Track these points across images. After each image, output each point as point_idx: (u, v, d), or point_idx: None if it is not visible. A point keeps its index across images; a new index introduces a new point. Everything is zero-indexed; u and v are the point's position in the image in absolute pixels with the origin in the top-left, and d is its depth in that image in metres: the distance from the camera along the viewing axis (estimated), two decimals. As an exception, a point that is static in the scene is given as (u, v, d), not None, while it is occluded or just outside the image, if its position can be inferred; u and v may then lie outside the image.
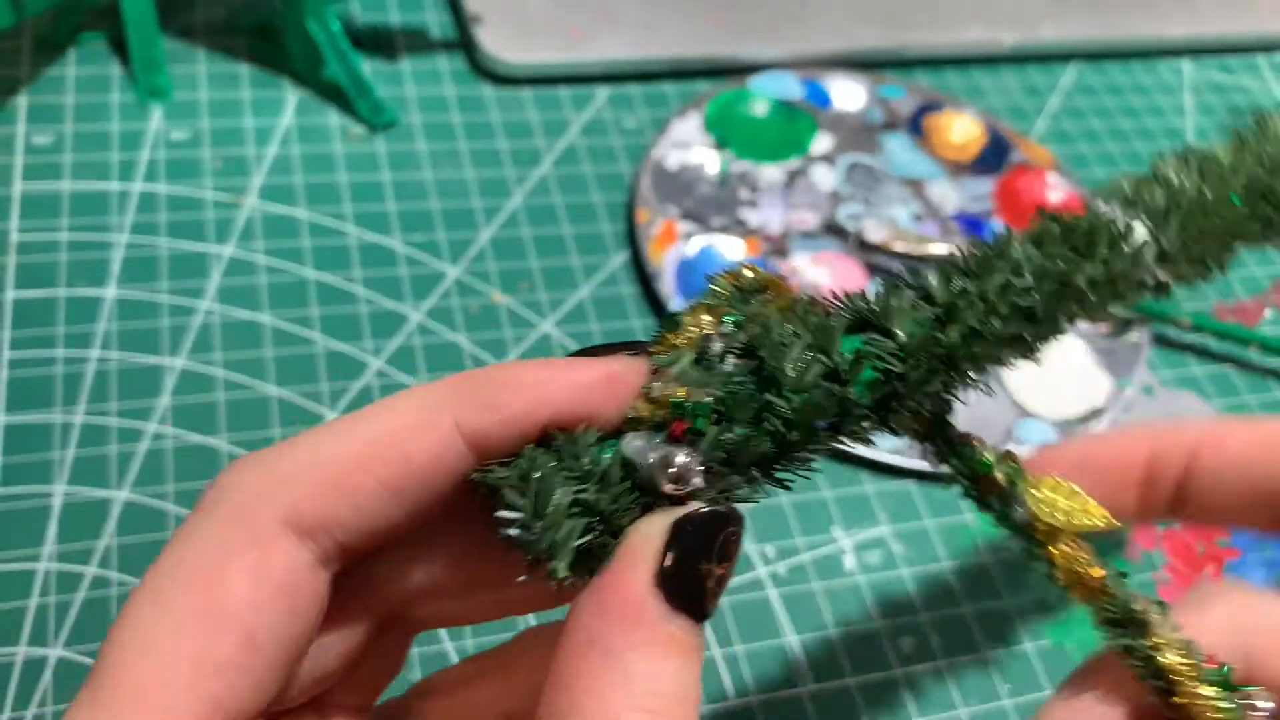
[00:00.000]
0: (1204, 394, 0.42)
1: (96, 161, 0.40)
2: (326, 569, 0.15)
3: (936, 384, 0.17)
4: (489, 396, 0.15)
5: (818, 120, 0.48)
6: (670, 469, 0.15)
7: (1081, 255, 0.18)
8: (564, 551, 0.15)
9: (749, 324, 0.17)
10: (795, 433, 0.16)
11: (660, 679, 0.14)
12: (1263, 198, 0.19)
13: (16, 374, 0.34)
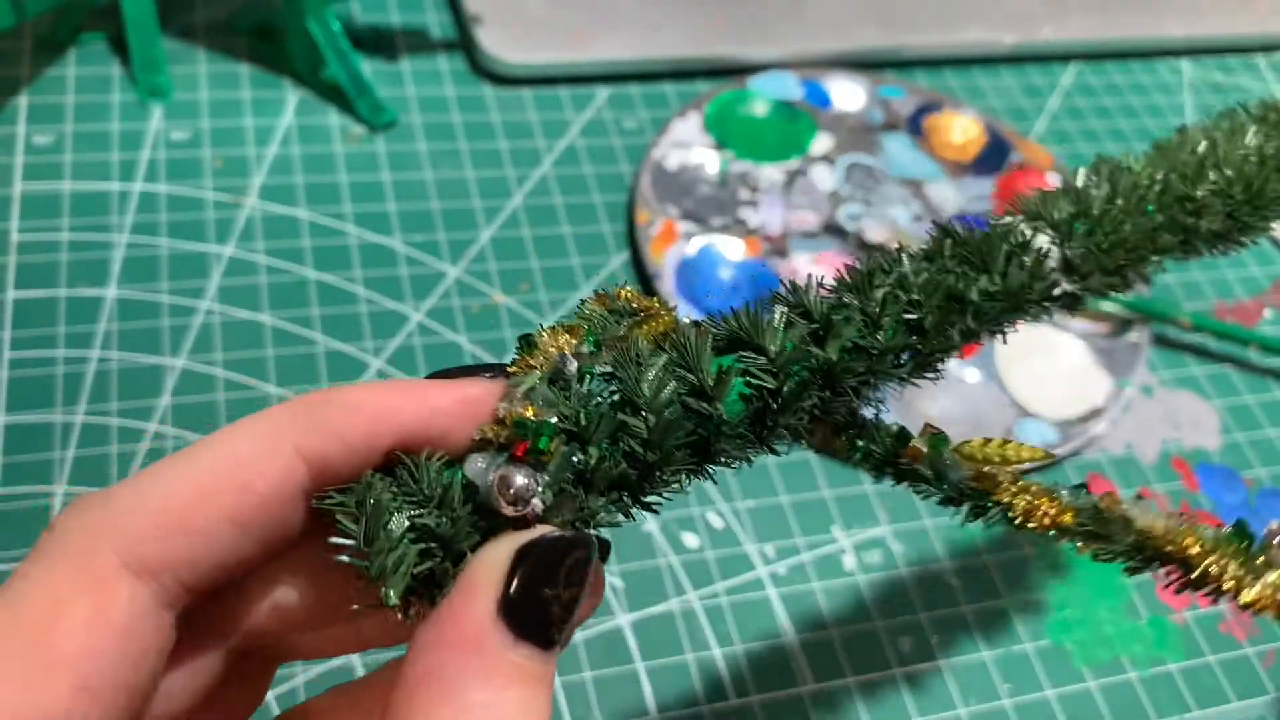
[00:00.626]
0: (1203, 394, 0.43)
1: (97, 161, 0.40)
2: (171, 608, 0.15)
3: (813, 399, 0.17)
4: (330, 421, 0.15)
5: (818, 120, 0.48)
6: (509, 490, 0.14)
7: (976, 268, 0.18)
8: (394, 578, 0.14)
9: (610, 345, 0.16)
10: (652, 454, 0.15)
11: (503, 709, 0.13)
12: (1180, 206, 0.19)
13: (17, 374, 0.34)
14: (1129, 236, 0.18)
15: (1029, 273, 0.18)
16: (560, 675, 0.31)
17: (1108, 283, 0.19)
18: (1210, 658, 0.35)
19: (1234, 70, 0.58)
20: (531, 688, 0.14)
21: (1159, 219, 0.19)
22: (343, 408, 0.15)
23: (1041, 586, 0.36)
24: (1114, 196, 0.19)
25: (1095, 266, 0.18)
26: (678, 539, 0.34)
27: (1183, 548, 0.17)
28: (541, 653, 0.14)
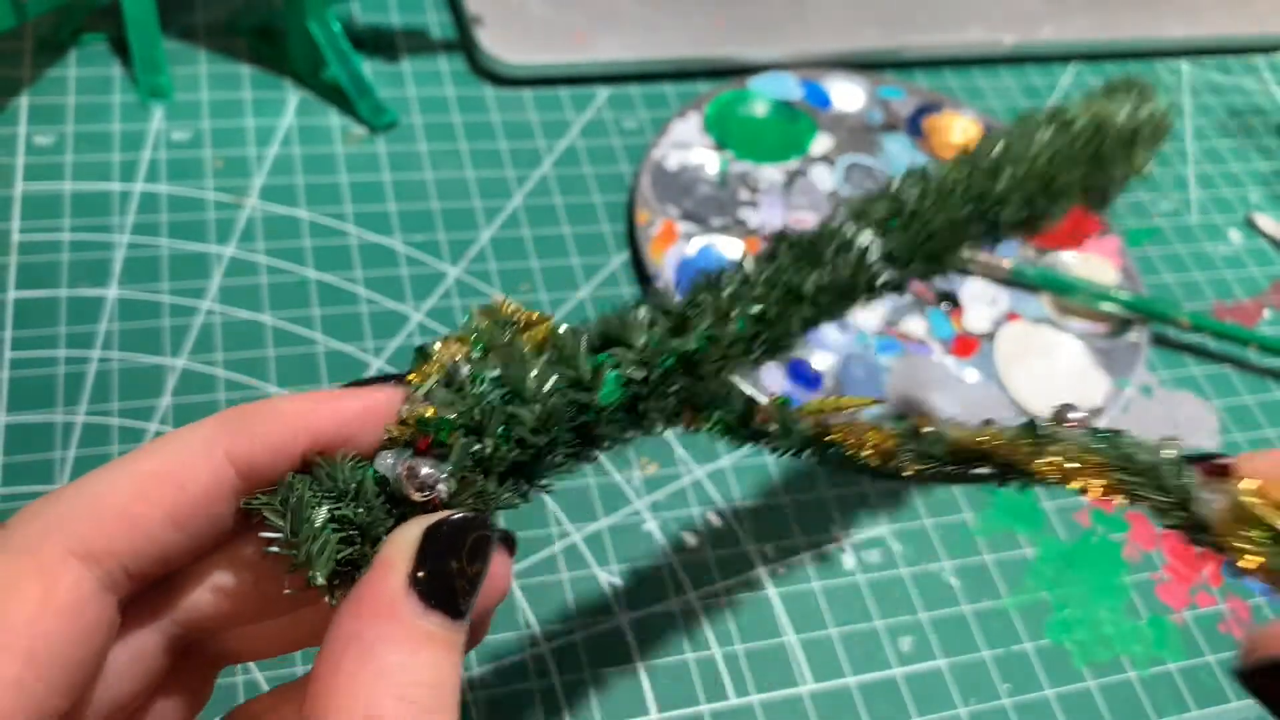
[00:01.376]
0: (1203, 394, 0.43)
1: (98, 162, 0.40)
2: (114, 593, 0.16)
3: (678, 384, 0.19)
4: (256, 428, 0.17)
5: (817, 121, 0.48)
6: (416, 478, 0.16)
7: (809, 265, 0.21)
8: (319, 561, 0.16)
9: (497, 351, 0.18)
10: (541, 438, 0.17)
11: (417, 670, 0.15)
12: (983, 199, 0.22)
13: (18, 374, 0.34)
14: (940, 228, 0.22)
15: (854, 266, 0.21)
16: (560, 674, 0.31)
17: (927, 268, 0.22)
18: (1210, 657, 0.35)
19: (1233, 71, 0.58)
20: (441, 652, 0.15)
21: (966, 212, 0.22)
22: (266, 416, 0.17)
23: (1041, 586, 0.36)
24: (924, 196, 0.22)
25: (912, 255, 0.22)
26: (678, 538, 0.35)
27: (986, 443, 0.19)
28: (450, 621, 0.15)
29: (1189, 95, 0.56)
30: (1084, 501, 0.38)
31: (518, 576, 0.33)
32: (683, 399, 0.20)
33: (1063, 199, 0.24)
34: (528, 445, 0.18)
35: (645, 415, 0.19)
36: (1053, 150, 0.23)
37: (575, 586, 0.33)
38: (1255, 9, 0.60)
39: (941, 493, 0.37)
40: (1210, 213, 0.50)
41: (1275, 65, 0.59)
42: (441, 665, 0.15)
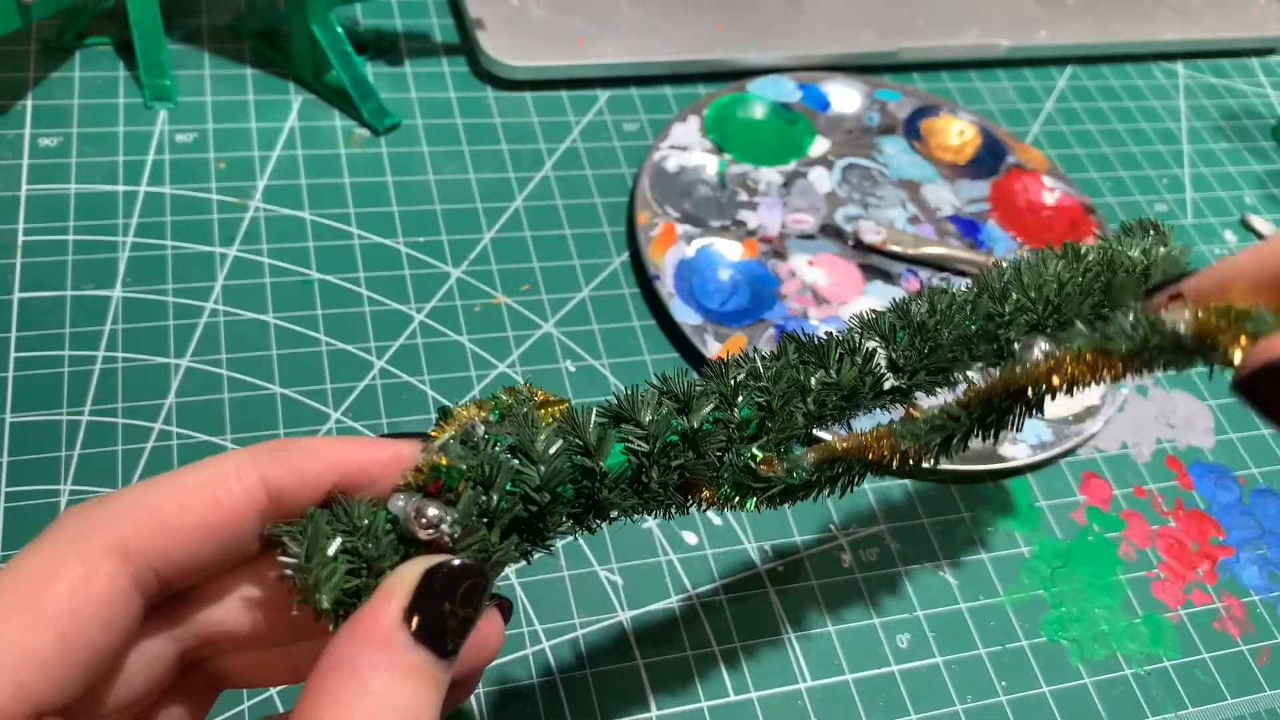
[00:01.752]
0: (1199, 394, 0.43)
1: (102, 164, 0.41)
2: (143, 594, 0.17)
3: (680, 460, 0.20)
4: (289, 459, 0.18)
5: (815, 123, 0.48)
6: (423, 517, 0.17)
7: (815, 364, 0.22)
8: (326, 587, 0.17)
9: (512, 419, 0.20)
10: (544, 495, 0.19)
11: (399, 697, 0.16)
12: (990, 320, 0.24)
13: (23, 374, 0.34)
14: (945, 343, 0.23)
15: (859, 369, 0.23)
16: (561, 671, 0.31)
17: (931, 380, 0.23)
18: (1205, 655, 0.35)
19: (1228, 74, 0.58)
20: (424, 686, 0.16)
21: (973, 329, 0.24)
22: (302, 451, 0.18)
23: (1037, 584, 0.36)
24: (933, 311, 0.24)
25: (916, 365, 0.23)
26: (678, 537, 0.35)
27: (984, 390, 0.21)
28: (436, 659, 0.16)
29: (1184, 98, 0.56)
30: (1080, 500, 0.39)
31: (519, 574, 0.33)
32: (687, 478, 0.21)
33: (1070, 327, 0.24)
34: (531, 502, 0.19)
35: (648, 487, 0.20)
36: (1062, 279, 0.25)
37: (576, 584, 0.33)
38: (1249, 12, 0.60)
39: (939, 491, 0.38)
40: (1205, 214, 0.51)
41: (1269, 68, 0.60)
42: (421, 699, 0.16)
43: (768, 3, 0.52)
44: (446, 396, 0.37)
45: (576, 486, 0.20)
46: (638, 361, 0.39)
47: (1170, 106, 0.55)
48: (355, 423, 0.35)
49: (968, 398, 0.21)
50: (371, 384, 0.36)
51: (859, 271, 0.43)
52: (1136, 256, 0.26)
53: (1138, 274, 0.26)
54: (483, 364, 0.38)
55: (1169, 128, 0.54)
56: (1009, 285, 0.24)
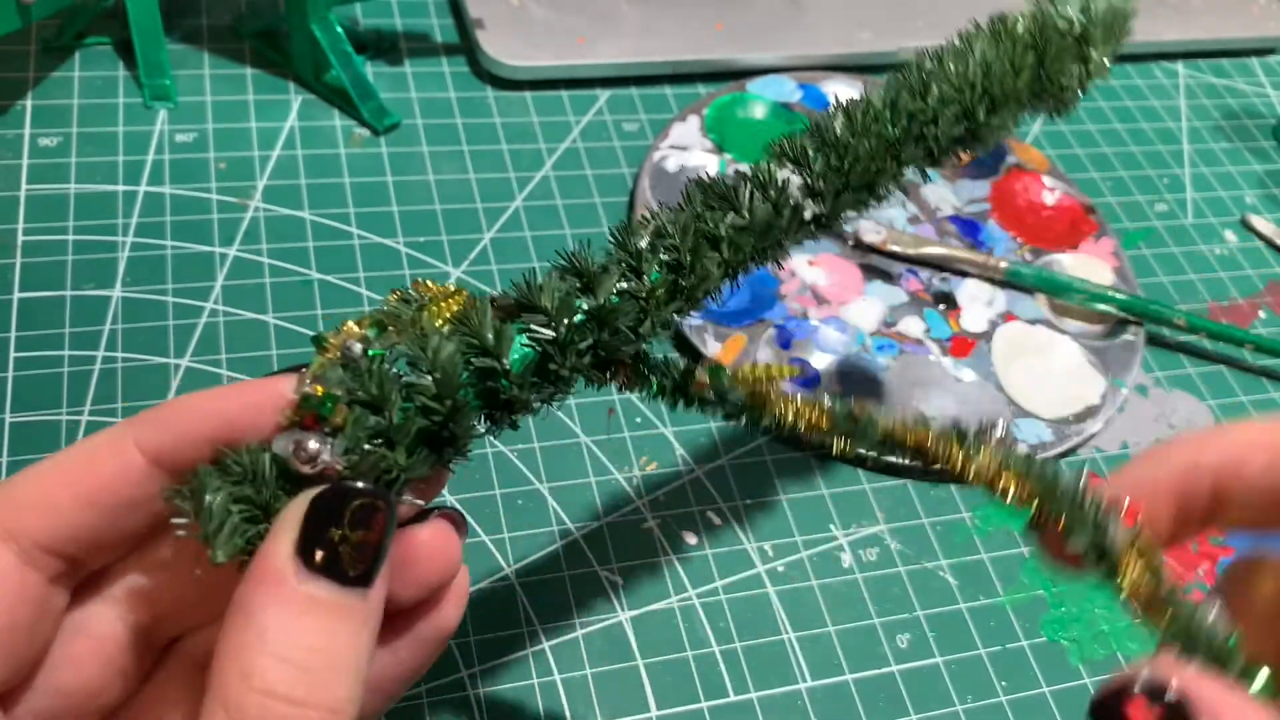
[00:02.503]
0: (1198, 394, 0.43)
1: (102, 164, 0.41)
2: (42, 572, 0.17)
3: (589, 340, 0.19)
4: (163, 418, 0.18)
5: (816, 123, 0.48)
6: (302, 452, 0.17)
7: (725, 208, 0.21)
8: (217, 540, 0.16)
9: (399, 330, 0.19)
10: (443, 405, 0.18)
11: (300, 634, 0.15)
12: (914, 118, 0.22)
13: (23, 374, 0.34)
14: (866, 154, 0.21)
15: (773, 203, 0.21)
16: (560, 671, 0.31)
17: (858, 198, 0.22)
18: (1204, 654, 0.35)
19: (1228, 73, 0.58)
20: (330, 618, 0.16)
21: (896, 133, 0.22)
22: (174, 407, 0.18)
23: (1037, 584, 0.36)
24: (850, 124, 0.22)
25: (841, 186, 0.21)
26: (677, 537, 0.35)
27: (917, 438, 0.20)
28: (341, 588, 0.16)
29: (1184, 98, 0.56)
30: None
31: (519, 574, 0.33)
32: (603, 356, 0.20)
33: (1005, 108, 0.23)
34: (433, 413, 0.18)
35: (559, 376, 0.19)
36: (988, 60, 0.23)
37: (575, 584, 0.33)
38: (1250, 12, 0.60)
39: (939, 491, 0.38)
40: (1205, 214, 0.51)
41: (1270, 68, 0.60)
42: (331, 631, 0.16)
43: (768, 3, 0.52)
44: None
45: (480, 388, 0.18)
46: (638, 361, 0.39)
47: (1170, 106, 0.55)
48: (355, 423, 0.35)
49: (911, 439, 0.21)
50: (371, 384, 0.36)
51: (859, 271, 0.43)
52: (1074, 15, 0.24)
53: (1075, 37, 0.24)
54: (483, 364, 0.38)
55: (1169, 127, 0.54)
56: (929, 77, 0.23)
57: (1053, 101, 0.24)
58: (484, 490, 0.35)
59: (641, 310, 0.20)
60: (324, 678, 0.15)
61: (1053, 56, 0.24)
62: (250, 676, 0.15)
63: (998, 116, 0.23)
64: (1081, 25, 0.24)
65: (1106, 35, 0.25)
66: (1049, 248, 0.46)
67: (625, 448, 0.37)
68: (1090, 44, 0.24)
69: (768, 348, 0.40)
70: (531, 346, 0.19)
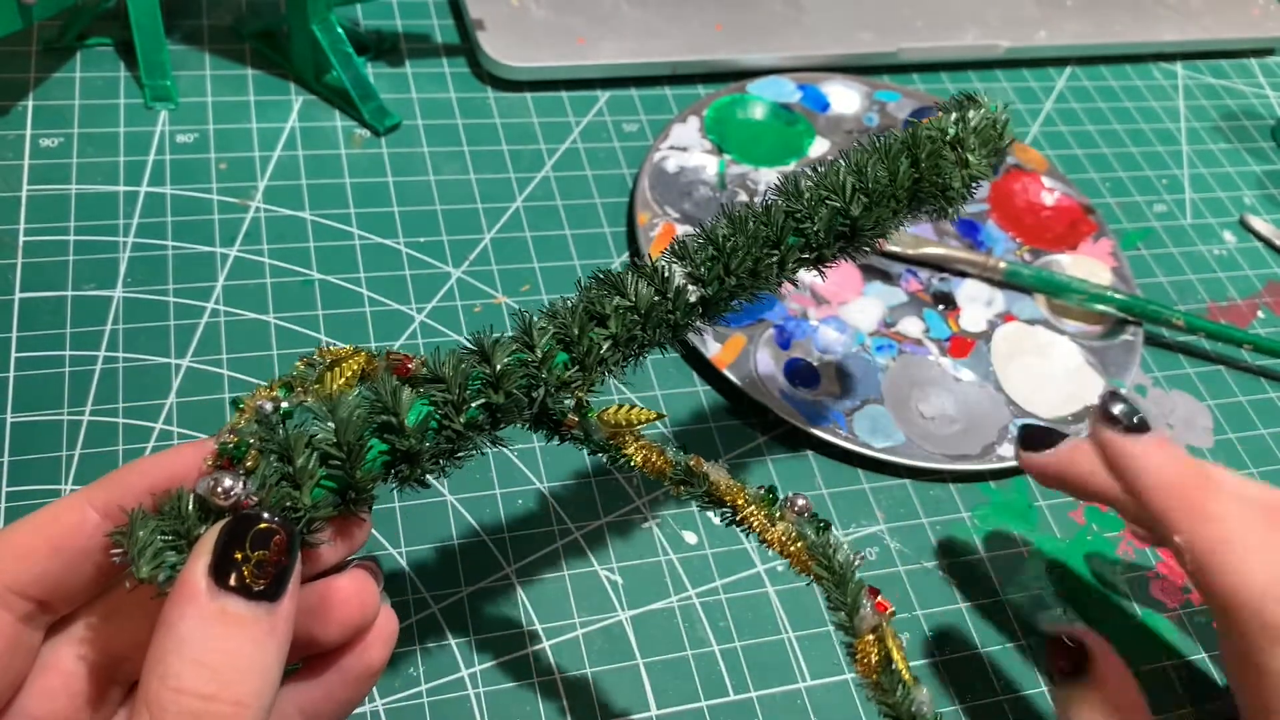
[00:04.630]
0: (1197, 394, 0.43)
1: (103, 164, 0.41)
2: (12, 613, 0.20)
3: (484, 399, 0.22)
4: (116, 479, 0.21)
5: (815, 124, 0.48)
6: (217, 487, 0.19)
7: (613, 292, 0.24)
8: (140, 560, 0.19)
9: (303, 390, 0.22)
10: (341, 450, 0.20)
11: (211, 641, 0.18)
12: (790, 218, 0.25)
13: (24, 374, 0.34)
14: (742, 245, 0.24)
15: (656, 288, 0.24)
16: (561, 671, 0.31)
17: (739, 283, 0.25)
18: (1204, 654, 0.35)
19: (1227, 74, 0.59)
20: (239, 629, 0.18)
21: (770, 231, 0.25)
22: (120, 471, 0.21)
23: (1036, 583, 0.36)
24: (732, 225, 0.25)
25: (718, 273, 0.24)
26: (677, 536, 0.35)
27: (733, 496, 0.23)
28: (249, 602, 0.18)
29: (1183, 98, 0.56)
30: (1079, 501, 0.39)
31: (520, 573, 0.33)
32: (497, 416, 0.22)
33: (883, 205, 0.26)
34: (332, 459, 0.20)
35: (456, 432, 0.21)
36: (860, 163, 0.26)
37: (576, 583, 0.33)
38: (1248, 12, 0.60)
39: (939, 491, 0.38)
40: (1204, 214, 0.51)
41: (1269, 68, 0.60)
42: (239, 638, 0.18)
43: (767, 3, 0.53)
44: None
45: (382, 441, 0.21)
46: (638, 361, 0.39)
47: (1169, 107, 0.55)
48: (356, 423, 0.35)
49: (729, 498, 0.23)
50: (372, 384, 0.37)
51: (858, 272, 0.43)
52: (949, 128, 0.27)
53: (948, 140, 0.27)
54: (483, 364, 0.38)
55: (1168, 128, 0.54)
56: (801, 180, 0.26)
57: (938, 200, 0.27)
58: (484, 490, 0.35)
59: (531, 376, 0.22)
60: (232, 677, 0.18)
61: (926, 157, 0.26)
62: (167, 678, 0.17)
63: (874, 213, 0.26)
64: (955, 131, 0.27)
65: (983, 140, 0.27)
66: (1048, 248, 0.46)
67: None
68: (965, 149, 0.27)
69: (767, 348, 0.40)
70: (429, 405, 0.21)
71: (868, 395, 0.39)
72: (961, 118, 0.27)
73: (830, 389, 0.39)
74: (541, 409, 0.23)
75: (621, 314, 0.23)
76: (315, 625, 0.21)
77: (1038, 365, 0.42)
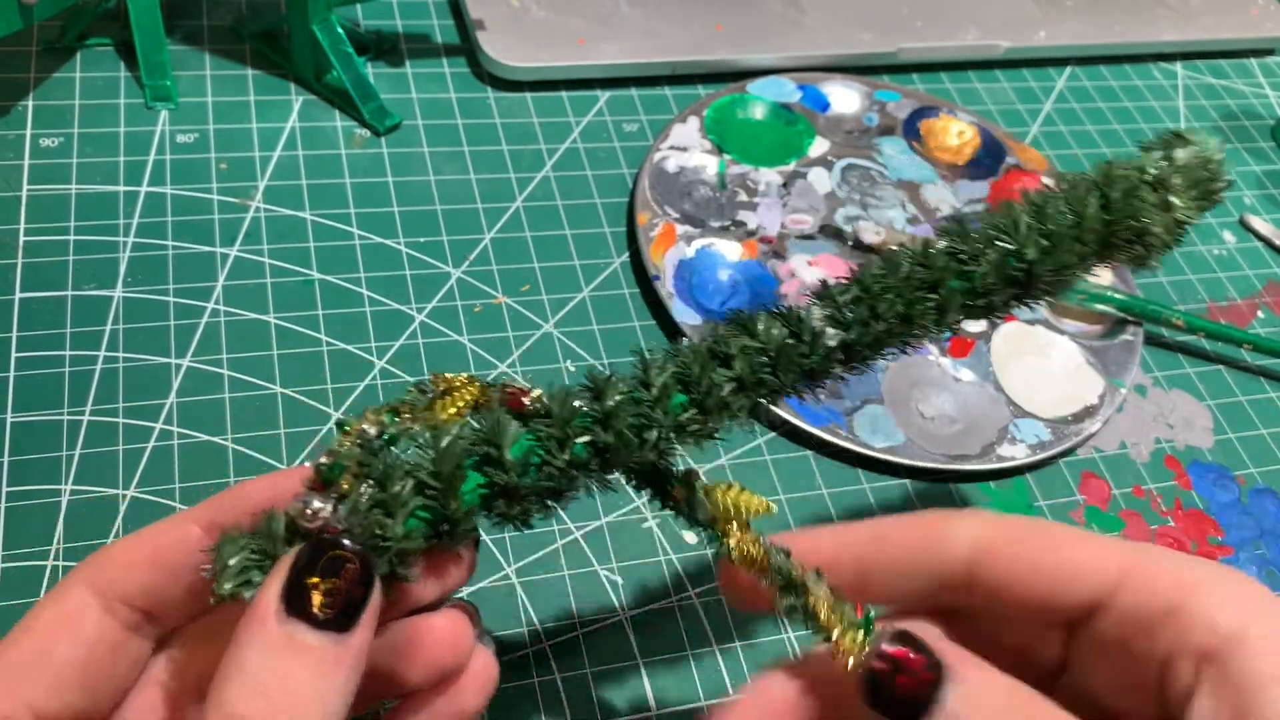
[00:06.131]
0: (1197, 394, 0.43)
1: (103, 164, 0.41)
2: (119, 620, 0.20)
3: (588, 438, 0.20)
4: (223, 501, 0.21)
5: (815, 124, 0.48)
6: (306, 508, 0.19)
7: (745, 332, 0.22)
8: (224, 576, 0.19)
9: (410, 417, 0.21)
10: (439, 482, 0.20)
11: (274, 670, 0.17)
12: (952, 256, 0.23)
13: (24, 374, 0.35)
14: (893, 286, 0.22)
15: (790, 329, 0.22)
16: (560, 670, 0.31)
17: (888, 328, 0.22)
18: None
19: (1226, 74, 0.59)
20: (304, 658, 0.17)
21: (926, 274, 0.22)
22: (224, 493, 0.22)
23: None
24: (885, 266, 0.22)
25: (863, 315, 0.22)
26: (678, 537, 0.35)
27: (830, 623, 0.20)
28: (313, 630, 0.17)
29: (1183, 98, 0.56)
30: (1080, 500, 0.39)
31: (520, 573, 0.33)
32: (606, 456, 0.21)
33: (1064, 248, 0.22)
34: (429, 489, 0.19)
35: (558, 469, 0.20)
36: (1038, 200, 0.23)
37: (576, 583, 0.33)
38: (1248, 13, 0.60)
39: (939, 491, 0.38)
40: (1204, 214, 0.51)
41: (1268, 68, 0.60)
42: (302, 670, 0.17)
43: (767, 3, 0.53)
44: (447, 396, 0.37)
45: (482, 474, 0.20)
46: (638, 361, 0.39)
47: (1169, 107, 0.55)
48: (356, 422, 0.35)
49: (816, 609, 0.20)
50: (372, 384, 0.37)
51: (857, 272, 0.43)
52: (1150, 167, 0.23)
53: (1148, 180, 0.23)
54: (483, 364, 0.38)
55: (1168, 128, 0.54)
56: (967, 221, 0.23)
57: (1134, 246, 0.23)
58: (484, 490, 0.35)
59: (644, 416, 0.21)
60: (291, 710, 0.17)
61: (1121, 197, 0.22)
62: (224, 704, 0.17)
63: (1055, 257, 0.22)
64: (1158, 170, 0.23)
65: (1191, 180, 0.23)
66: (1048, 248, 0.46)
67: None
68: (1169, 190, 0.23)
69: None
70: (533, 442, 0.20)
71: (868, 395, 0.39)
72: (1167, 155, 0.23)
73: (830, 389, 0.39)
74: (653, 462, 0.21)
75: (749, 354, 0.21)
76: (402, 664, 0.21)
77: (1038, 365, 0.42)
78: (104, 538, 0.32)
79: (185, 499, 0.33)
